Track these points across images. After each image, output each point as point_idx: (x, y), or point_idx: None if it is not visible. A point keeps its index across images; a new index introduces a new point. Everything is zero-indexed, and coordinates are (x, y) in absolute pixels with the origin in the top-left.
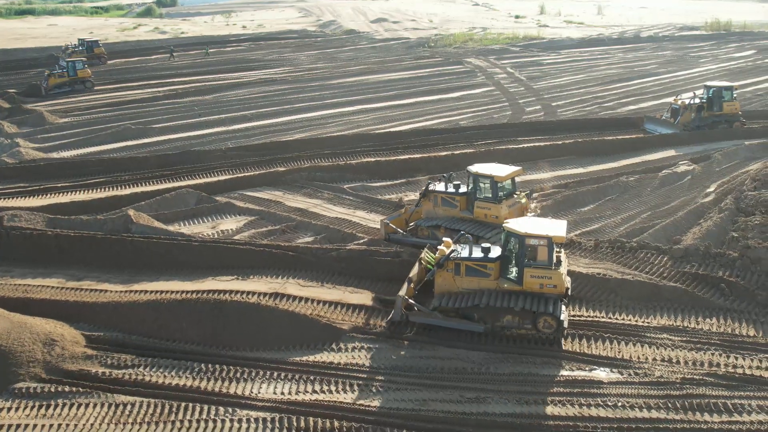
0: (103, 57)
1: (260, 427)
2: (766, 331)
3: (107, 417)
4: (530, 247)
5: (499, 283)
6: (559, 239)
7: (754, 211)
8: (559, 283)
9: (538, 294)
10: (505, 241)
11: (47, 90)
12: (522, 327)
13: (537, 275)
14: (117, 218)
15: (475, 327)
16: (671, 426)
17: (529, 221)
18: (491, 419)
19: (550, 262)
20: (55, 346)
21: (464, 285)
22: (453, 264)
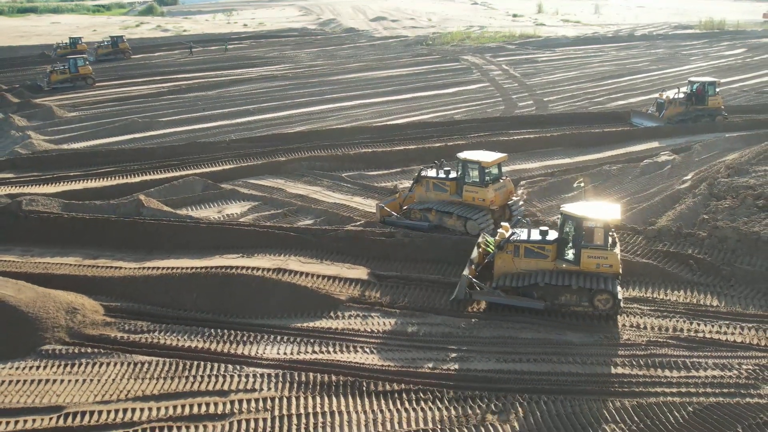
0: (127, 52)
1: (265, 381)
2: (728, 301)
3: (127, 373)
4: (587, 230)
5: (556, 263)
6: (614, 222)
7: (725, 196)
8: (615, 262)
9: (595, 273)
10: (561, 224)
11: (49, 85)
12: (579, 304)
13: (594, 256)
14: (129, 203)
15: (536, 304)
16: (634, 380)
17: (585, 205)
18: (473, 374)
19: (606, 244)
20: (77, 313)
21: (522, 266)
22: (512, 246)
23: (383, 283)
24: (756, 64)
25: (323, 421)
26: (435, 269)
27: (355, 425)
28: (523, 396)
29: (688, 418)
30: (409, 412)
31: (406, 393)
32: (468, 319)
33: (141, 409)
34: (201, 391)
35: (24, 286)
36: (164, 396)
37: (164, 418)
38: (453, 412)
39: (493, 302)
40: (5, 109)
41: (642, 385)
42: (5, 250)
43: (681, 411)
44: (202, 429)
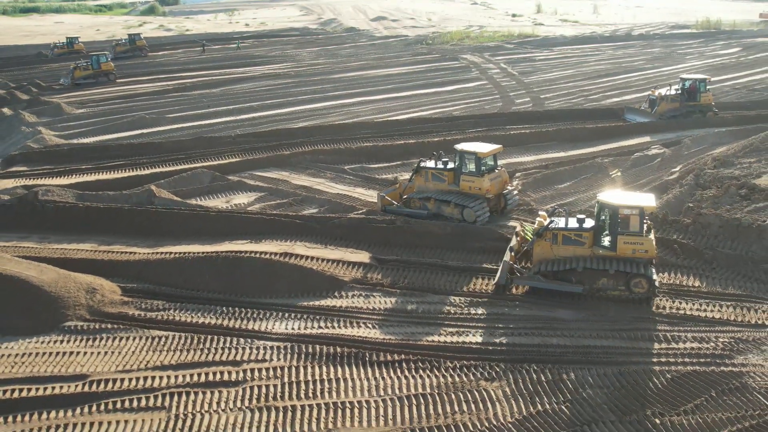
0: (144, 49)
1: (275, 352)
2: (709, 282)
3: (145, 346)
4: (623, 217)
5: (593, 250)
6: (650, 209)
7: (710, 186)
8: (650, 248)
9: (631, 258)
10: (598, 212)
11: (73, 81)
12: (616, 288)
13: (630, 242)
14: (141, 193)
15: (575, 288)
16: (617, 351)
17: (621, 194)
18: (467, 347)
19: (642, 230)
20: (96, 293)
21: (560, 253)
22: (551, 234)
23: (384, 266)
24: (749, 62)
25: (329, 387)
26: (433, 254)
27: (359, 390)
28: (514, 365)
29: (666, 384)
30: (408, 380)
31: (406, 363)
32: (464, 297)
33: (160, 377)
34: (215, 361)
35: (46, 268)
36: (181, 366)
37: (182, 384)
38: (449, 379)
39: (533, 286)
40: (15, 106)
41: (624, 355)
42: (23, 238)
43: (660, 378)
44: (218, 394)
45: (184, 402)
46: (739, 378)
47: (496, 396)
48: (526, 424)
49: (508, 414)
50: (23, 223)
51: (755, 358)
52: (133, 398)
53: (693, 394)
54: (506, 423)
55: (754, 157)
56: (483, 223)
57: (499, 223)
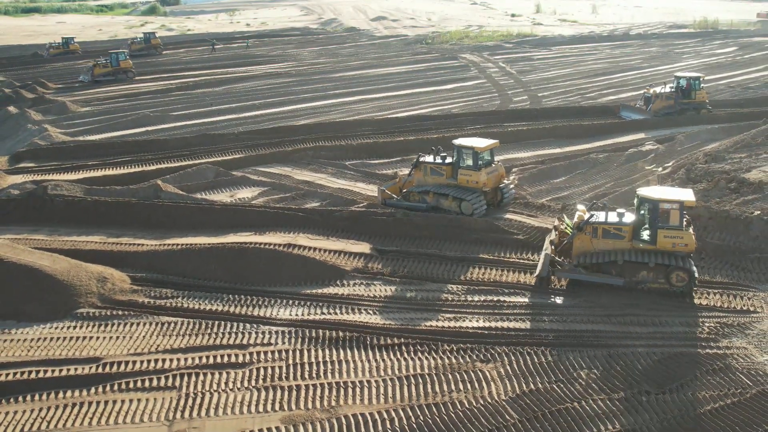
0: (159, 47)
1: (280, 336)
2: (698, 271)
3: (156, 331)
4: (664, 211)
5: (632, 243)
6: (690, 203)
7: (701, 180)
8: (690, 242)
9: (671, 252)
10: (638, 206)
11: (93, 78)
12: (656, 281)
13: (670, 236)
14: (147, 188)
15: (615, 280)
16: (608, 335)
17: (660, 189)
18: (464, 331)
19: (681, 224)
20: (107, 282)
21: (600, 246)
22: (591, 228)
23: (385, 257)
24: (745, 61)
25: (332, 368)
26: (432, 245)
27: (360, 371)
28: (508, 348)
29: (653, 365)
30: (408, 361)
31: (405, 346)
32: (462, 285)
33: (170, 359)
34: (222, 345)
35: (58, 258)
36: (190, 349)
37: (191, 366)
38: (446, 361)
39: (574, 279)
40: (20, 104)
41: (614, 339)
42: (34, 231)
43: (647, 359)
44: (225, 375)
45: (194, 382)
46: (723, 359)
47: (491, 376)
48: (519, 401)
49: (502, 392)
50: (33, 216)
51: (739, 341)
52: (145, 379)
53: (679, 374)
54: (500, 401)
55: (745, 152)
56: (480, 215)
57: (496, 216)
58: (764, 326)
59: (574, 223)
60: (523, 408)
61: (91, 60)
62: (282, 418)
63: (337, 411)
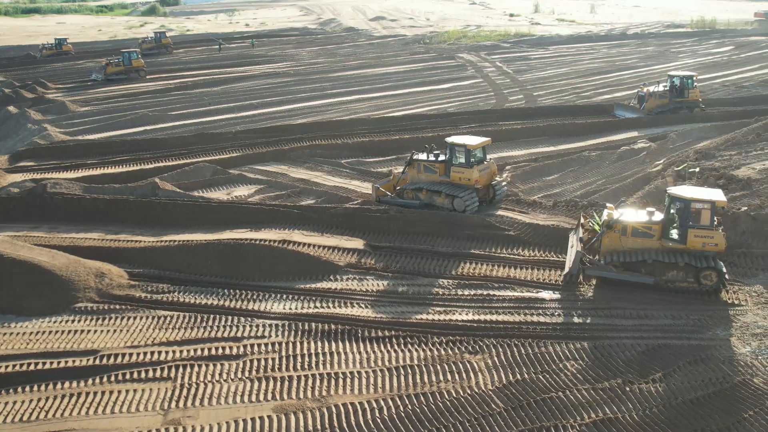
0: (169, 46)
1: (273, 329)
2: None
3: (152, 324)
4: (695, 211)
5: (662, 242)
6: (721, 203)
7: (691, 177)
8: (720, 242)
9: (700, 252)
10: (668, 205)
11: (106, 77)
12: (685, 280)
13: (700, 235)
14: (145, 185)
15: (646, 279)
16: (594, 327)
17: (691, 188)
18: (454, 324)
19: (712, 224)
20: (105, 277)
21: (629, 245)
22: (621, 226)
23: (378, 252)
24: (740, 60)
25: (323, 360)
26: (424, 240)
27: (351, 363)
28: (496, 340)
29: (637, 355)
30: (398, 353)
31: (396, 338)
32: (452, 279)
33: (166, 352)
34: (217, 337)
35: (57, 254)
36: (185, 341)
37: (186, 358)
38: (436, 352)
39: (604, 277)
40: (20, 104)
41: (600, 331)
42: (33, 228)
43: (632, 350)
44: (219, 366)
45: (188, 373)
46: (706, 350)
47: (478, 367)
48: (505, 391)
49: (489, 383)
50: (33, 214)
51: (723, 333)
52: (141, 370)
53: (662, 365)
54: (487, 390)
55: (735, 150)
56: (472, 212)
57: (488, 212)
58: (748, 319)
59: (603, 221)
60: (509, 397)
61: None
62: (274, 408)
63: (328, 400)
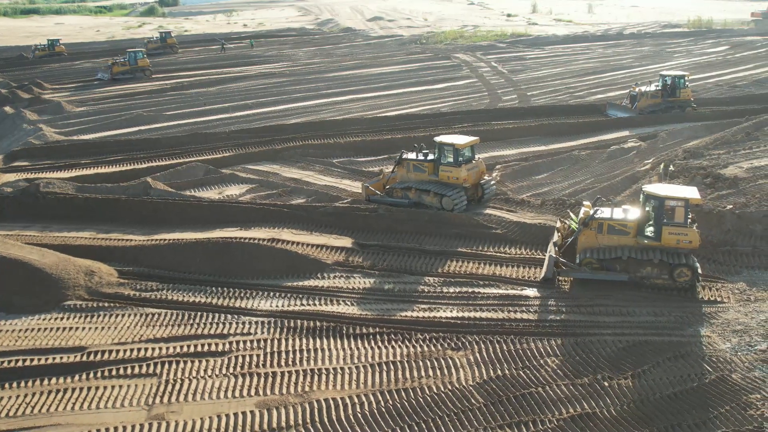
0: (174, 46)
1: (259, 326)
2: None
3: (140, 322)
4: (669, 208)
5: (637, 240)
6: (695, 201)
7: (678, 176)
8: (694, 239)
9: (675, 248)
10: (644, 203)
11: (112, 76)
12: (660, 277)
13: (674, 232)
14: (137, 185)
15: (620, 277)
16: (576, 324)
17: (666, 186)
18: (438, 321)
19: (686, 221)
20: (94, 275)
21: (605, 242)
22: (596, 223)
23: (366, 251)
24: (735, 60)
25: (307, 356)
26: (412, 239)
27: (334, 359)
28: (479, 337)
29: (617, 352)
30: (381, 349)
31: (380, 335)
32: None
33: (153, 348)
34: (203, 334)
35: (47, 252)
36: (172, 338)
37: (172, 354)
38: (419, 349)
39: (579, 278)
40: (17, 104)
41: (582, 328)
42: (26, 227)
43: (612, 347)
44: (205, 363)
45: (174, 369)
46: (686, 347)
47: (460, 363)
48: (485, 386)
49: (470, 378)
50: (26, 213)
51: (704, 330)
52: (127, 366)
53: (641, 361)
54: (467, 386)
55: (724, 149)
56: (460, 211)
57: (476, 211)
58: (729, 316)
59: (579, 219)
60: (489, 393)
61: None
62: (257, 403)
63: (310, 396)
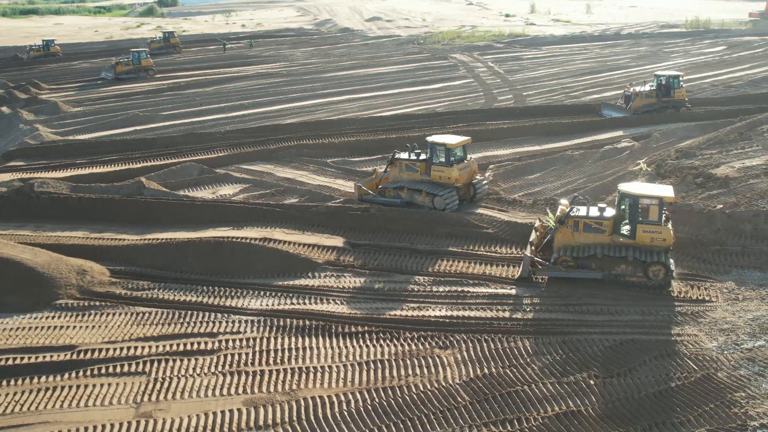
0: (177, 46)
1: (249, 325)
2: None
3: (130, 321)
4: (643, 207)
5: (612, 238)
6: (669, 199)
7: (670, 176)
8: (668, 237)
9: (649, 246)
10: (619, 201)
11: (116, 76)
12: (634, 275)
13: (649, 230)
14: (131, 184)
15: (594, 274)
16: (564, 323)
17: (641, 185)
18: (426, 319)
19: (660, 219)
20: (86, 274)
21: (581, 240)
22: (573, 221)
23: (357, 250)
24: (732, 60)
25: (295, 355)
26: (404, 238)
27: (322, 357)
28: (467, 335)
29: (604, 350)
30: (369, 348)
31: (368, 334)
32: (428, 276)
33: (142, 347)
34: (193, 333)
35: (39, 251)
36: (162, 337)
37: (162, 353)
38: (407, 347)
39: (555, 276)
40: (13, 104)
41: (570, 326)
42: (20, 226)
43: (600, 345)
44: (194, 361)
45: (163, 368)
46: (673, 346)
47: (447, 361)
48: (471, 384)
49: (456, 377)
50: (20, 213)
51: (691, 328)
52: (117, 365)
53: (628, 360)
54: (453, 384)
55: (716, 148)
56: (452, 210)
57: (468, 211)
58: (717, 315)
59: (556, 217)
60: (475, 391)
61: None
62: (244, 401)
63: (297, 394)
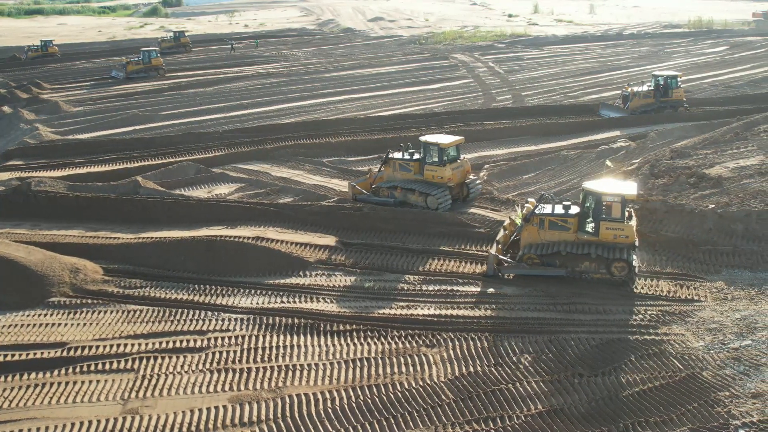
0: (188, 45)
1: (238, 323)
2: (650, 262)
3: (121, 318)
4: (606, 204)
5: (577, 235)
6: (630, 197)
7: (663, 176)
8: (631, 234)
9: (612, 244)
10: (583, 199)
11: (127, 75)
12: (597, 272)
13: (611, 228)
14: (127, 183)
15: (558, 272)
16: (551, 321)
17: (605, 182)
18: (414, 318)
19: (623, 217)
20: (79, 273)
21: (547, 237)
22: (538, 219)
23: (349, 249)
24: (733, 60)
25: (284, 352)
26: (396, 237)
27: (309, 355)
28: (455, 334)
29: (590, 349)
30: (356, 346)
31: (356, 332)
32: (418, 275)
33: (132, 344)
34: (183, 330)
35: (33, 250)
36: (152, 335)
37: (151, 350)
38: (394, 346)
39: (520, 274)
40: (14, 104)
41: (558, 325)
42: (16, 225)
43: (586, 344)
44: (182, 358)
45: (151, 365)
46: (660, 345)
47: (433, 360)
48: (456, 383)
49: (441, 375)
50: (17, 211)
51: (678, 328)
52: (106, 362)
53: (614, 359)
54: (438, 382)
55: (711, 148)
56: (445, 210)
57: (460, 210)
58: (705, 314)
59: (522, 215)
60: (459, 389)
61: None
62: (230, 398)
63: (283, 391)
